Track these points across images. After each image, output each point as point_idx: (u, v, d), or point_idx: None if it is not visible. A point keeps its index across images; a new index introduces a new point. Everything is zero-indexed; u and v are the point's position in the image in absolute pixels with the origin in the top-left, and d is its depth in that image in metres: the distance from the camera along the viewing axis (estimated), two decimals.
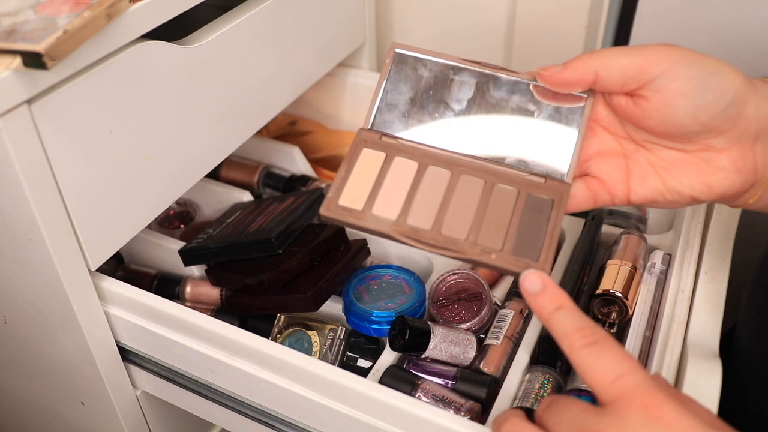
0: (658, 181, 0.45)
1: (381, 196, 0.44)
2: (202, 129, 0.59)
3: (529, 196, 0.45)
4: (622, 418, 0.34)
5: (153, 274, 0.67)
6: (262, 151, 0.82)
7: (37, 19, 0.43)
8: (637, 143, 0.46)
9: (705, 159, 0.44)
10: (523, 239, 0.43)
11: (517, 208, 0.44)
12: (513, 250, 0.42)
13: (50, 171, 0.46)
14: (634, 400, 0.34)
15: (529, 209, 0.44)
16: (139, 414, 0.63)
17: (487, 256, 0.42)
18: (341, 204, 0.44)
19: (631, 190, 0.45)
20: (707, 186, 0.44)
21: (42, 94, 0.44)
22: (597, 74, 0.44)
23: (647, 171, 0.45)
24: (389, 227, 0.43)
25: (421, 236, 0.43)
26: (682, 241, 0.57)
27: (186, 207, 0.78)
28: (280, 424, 0.53)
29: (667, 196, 0.45)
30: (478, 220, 0.44)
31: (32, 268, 0.50)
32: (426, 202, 0.44)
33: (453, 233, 0.43)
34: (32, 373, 0.64)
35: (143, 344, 0.57)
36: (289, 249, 0.62)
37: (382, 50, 0.94)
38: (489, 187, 0.45)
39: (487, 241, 0.43)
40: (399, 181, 0.45)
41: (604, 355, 0.36)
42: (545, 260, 0.42)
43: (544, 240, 0.43)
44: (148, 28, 0.50)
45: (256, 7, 0.62)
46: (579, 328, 0.37)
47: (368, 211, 0.44)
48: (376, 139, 0.47)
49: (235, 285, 0.63)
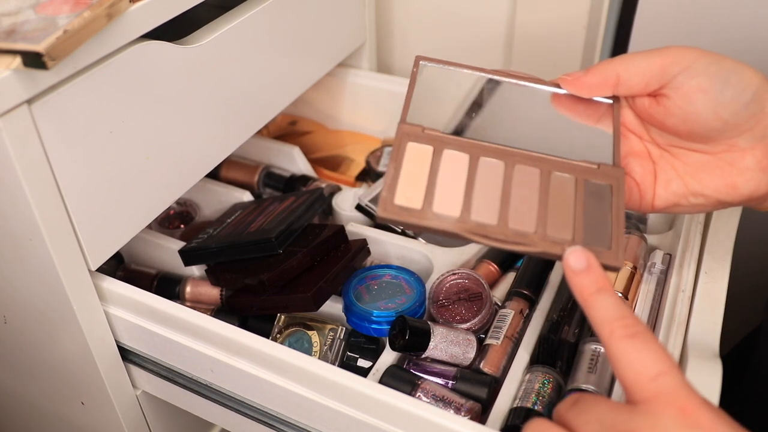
0: (681, 184, 0.45)
1: (438, 191, 0.43)
2: (202, 129, 0.59)
3: (587, 182, 0.44)
4: (659, 419, 0.33)
5: (153, 274, 0.67)
6: (262, 151, 0.82)
7: (37, 19, 0.43)
8: (661, 148, 0.46)
9: (729, 160, 0.44)
10: (591, 228, 0.42)
11: (578, 196, 0.43)
12: (584, 240, 0.41)
13: (50, 171, 0.46)
14: (672, 402, 0.33)
15: (590, 196, 0.43)
16: (139, 414, 0.63)
17: (560, 248, 0.41)
18: (398, 203, 0.42)
19: (656, 195, 0.45)
20: (732, 187, 0.44)
21: (42, 94, 0.44)
22: (619, 77, 0.44)
23: (671, 175, 0.45)
24: (455, 225, 0.42)
25: (489, 232, 0.42)
26: (682, 241, 0.57)
27: (186, 207, 0.78)
28: (280, 424, 0.53)
29: (691, 200, 0.45)
30: (542, 211, 0.43)
31: (32, 268, 0.50)
32: (486, 196, 0.43)
33: (521, 226, 0.42)
34: (32, 372, 0.64)
35: (143, 344, 0.57)
36: (289, 249, 0.62)
37: (382, 50, 0.94)
38: (546, 176, 0.44)
39: (557, 233, 0.42)
40: (453, 174, 0.44)
41: (644, 350, 0.34)
42: (617, 247, 0.41)
43: (612, 227, 0.42)
44: (148, 28, 0.50)
45: (256, 7, 0.61)
46: (621, 317, 0.35)
47: (428, 209, 0.42)
48: (419, 132, 0.45)
49: (235, 285, 0.63)
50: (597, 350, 0.51)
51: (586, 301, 0.36)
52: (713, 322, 0.49)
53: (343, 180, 0.81)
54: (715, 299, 0.51)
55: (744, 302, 0.85)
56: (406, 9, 0.90)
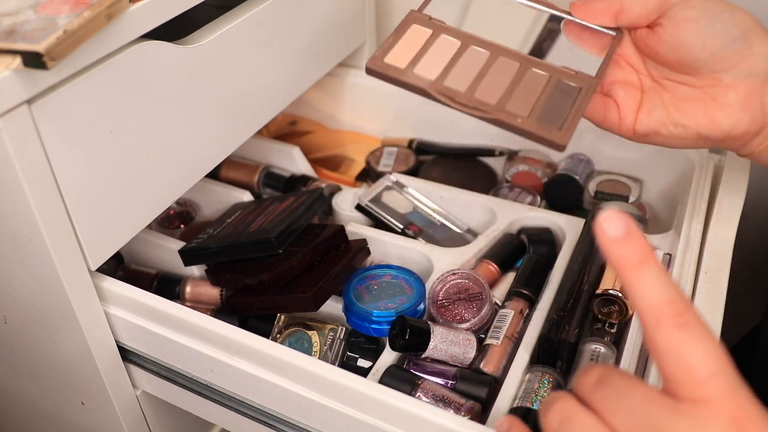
0: (664, 113, 0.48)
1: (423, 60, 0.49)
2: (202, 129, 0.59)
3: (559, 81, 0.49)
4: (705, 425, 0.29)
5: (153, 274, 0.67)
6: (262, 151, 0.82)
7: (37, 19, 0.43)
8: (654, 80, 0.49)
9: (713, 95, 0.46)
10: (548, 111, 0.47)
11: (546, 88, 0.48)
12: (538, 118, 0.46)
13: (50, 171, 0.46)
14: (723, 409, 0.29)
15: (558, 90, 0.48)
16: (139, 414, 0.63)
17: (514, 119, 0.46)
18: (386, 61, 0.48)
19: (637, 120, 0.48)
20: (712, 121, 0.46)
21: (42, 94, 0.44)
22: (623, 5, 0.47)
23: (656, 104, 0.48)
24: (427, 84, 0.47)
25: (455, 95, 0.47)
26: (682, 241, 0.57)
27: (186, 207, 0.78)
28: (280, 424, 0.53)
29: (671, 129, 0.47)
30: (509, 91, 0.48)
31: (32, 268, 0.50)
32: (463, 72, 0.49)
33: (485, 98, 0.47)
34: (32, 372, 0.64)
35: (143, 344, 0.57)
36: (289, 249, 0.62)
37: None
38: (523, 69, 0.50)
39: (515, 108, 0.47)
40: (441, 52, 0.50)
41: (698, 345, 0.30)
42: (567, 129, 0.45)
43: (568, 115, 0.46)
44: (148, 28, 0.50)
45: (256, 7, 0.61)
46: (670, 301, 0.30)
47: (410, 70, 0.48)
48: (425, 20, 0.52)
49: (235, 285, 0.63)
50: (597, 350, 0.51)
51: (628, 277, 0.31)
52: (713, 322, 0.49)
53: (343, 180, 0.81)
54: (715, 299, 0.51)
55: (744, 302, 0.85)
56: (406, 9, 0.90)
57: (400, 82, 0.48)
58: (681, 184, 0.70)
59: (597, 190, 0.73)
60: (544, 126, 0.46)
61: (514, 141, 0.79)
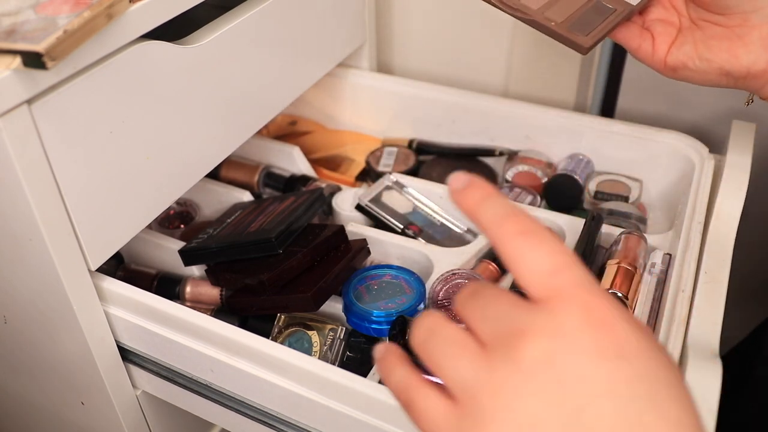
0: (693, 48, 0.53)
1: None
2: (202, 129, 0.59)
3: (598, 1, 0.55)
4: (557, 317, 0.29)
5: (153, 274, 0.67)
6: (262, 151, 0.82)
7: (37, 19, 0.43)
8: (692, 21, 0.54)
9: (739, 34, 0.51)
10: (580, 21, 0.54)
11: (586, 5, 0.55)
12: (570, 25, 0.53)
13: (50, 171, 0.46)
14: (572, 299, 0.29)
15: (594, 8, 0.55)
16: (139, 414, 0.63)
17: (548, 22, 0.53)
18: None
19: (669, 53, 0.54)
20: (735, 56, 0.51)
21: (42, 94, 0.44)
22: None
23: (687, 40, 0.54)
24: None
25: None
26: (682, 241, 0.57)
27: (186, 207, 0.78)
28: (280, 424, 0.53)
29: (697, 62, 0.53)
30: (551, 2, 0.55)
31: (32, 268, 0.50)
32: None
33: (529, 3, 0.54)
34: (32, 372, 0.64)
35: (143, 344, 0.57)
36: (289, 249, 0.62)
37: (382, 50, 0.94)
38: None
39: (553, 15, 0.54)
40: None
41: (539, 246, 0.31)
42: (592, 37, 0.53)
43: (597, 27, 0.53)
44: (148, 28, 0.50)
45: (256, 7, 0.61)
46: (512, 214, 0.31)
47: None
48: None
49: (235, 285, 0.63)
50: None
51: (473, 211, 0.32)
52: (713, 322, 0.49)
53: (343, 180, 0.81)
54: (715, 299, 0.51)
55: (744, 302, 0.85)
56: (406, 9, 0.90)
57: None
58: (681, 184, 0.70)
59: (597, 190, 0.73)
60: (572, 31, 0.53)
61: (514, 141, 0.79)
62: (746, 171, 0.61)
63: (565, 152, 0.77)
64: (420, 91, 0.82)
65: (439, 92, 0.81)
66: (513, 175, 0.77)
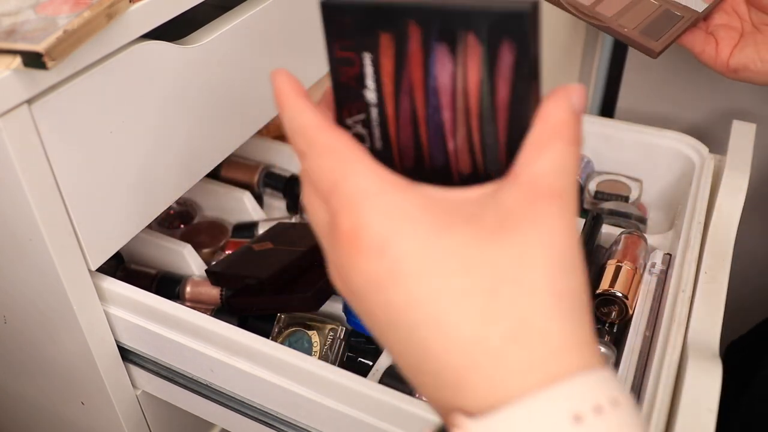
0: (754, 50, 0.57)
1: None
2: (202, 129, 0.59)
3: (667, 9, 0.60)
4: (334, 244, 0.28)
5: (153, 274, 0.67)
6: (262, 151, 0.82)
7: (37, 19, 0.43)
8: (754, 25, 0.58)
9: None
10: (651, 28, 0.58)
11: (655, 13, 0.59)
12: (641, 31, 0.58)
13: (50, 171, 0.46)
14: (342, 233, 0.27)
15: (664, 16, 0.59)
16: (139, 414, 0.63)
17: (621, 28, 0.58)
18: None
19: (731, 56, 0.58)
20: None
21: (42, 94, 0.44)
22: None
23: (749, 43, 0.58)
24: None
25: (579, 6, 0.58)
26: (682, 241, 0.57)
27: (186, 207, 0.78)
28: (280, 424, 0.53)
29: (759, 64, 0.57)
30: (623, 10, 0.59)
31: (32, 268, 0.50)
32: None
33: (604, 11, 0.59)
34: (32, 372, 0.64)
35: (143, 344, 0.57)
36: (290, 249, 0.62)
37: None
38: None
39: (626, 22, 0.58)
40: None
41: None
42: (662, 43, 0.57)
43: (666, 32, 0.58)
44: (148, 28, 0.50)
45: (255, 7, 0.61)
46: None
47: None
48: None
49: (236, 285, 0.63)
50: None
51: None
52: (713, 322, 0.49)
53: None
54: (715, 299, 0.51)
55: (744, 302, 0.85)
56: None
57: None
58: (681, 184, 0.70)
59: (597, 190, 0.73)
60: (643, 36, 0.57)
61: None
62: (746, 171, 0.61)
63: None
64: None
65: None
66: None
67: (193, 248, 0.68)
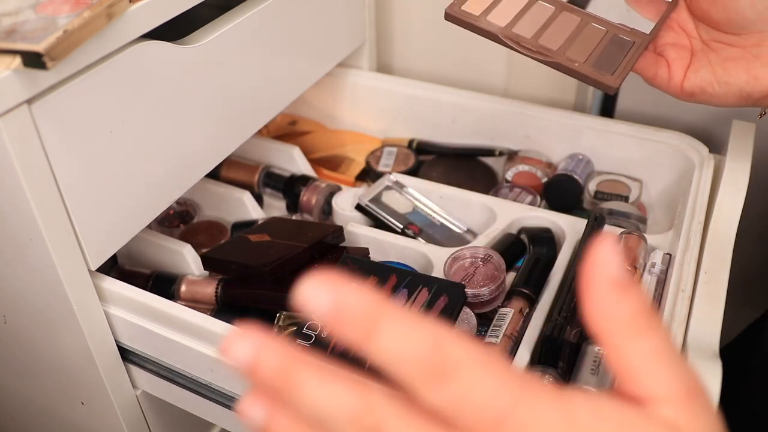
0: (710, 72, 0.52)
1: (496, 10, 0.55)
2: (202, 129, 0.59)
3: (615, 35, 0.55)
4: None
5: (148, 274, 0.67)
6: (262, 151, 0.82)
7: (37, 18, 0.43)
8: (704, 42, 0.53)
9: (756, 54, 0.50)
10: (603, 59, 0.53)
11: (603, 40, 0.54)
12: (593, 64, 0.52)
13: (50, 171, 0.46)
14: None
15: (613, 43, 0.54)
16: (139, 414, 0.63)
17: (572, 63, 0.52)
18: (463, 8, 0.54)
19: (686, 78, 0.53)
20: (754, 78, 0.50)
21: (42, 94, 0.44)
22: None
23: (703, 64, 0.53)
24: (498, 30, 0.54)
25: (521, 41, 0.53)
26: (682, 241, 0.57)
27: (186, 207, 0.78)
28: None
29: (716, 87, 0.51)
30: (569, 40, 0.54)
31: (32, 268, 0.50)
32: (530, 22, 0.55)
33: (548, 44, 0.53)
34: (32, 372, 0.64)
35: (143, 344, 0.57)
36: (290, 243, 0.62)
37: (382, 50, 0.94)
38: (584, 24, 0.56)
39: (574, 55, 0.53)
40: (512, 5, 0.56)
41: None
42: (618, 75, 0.52)
43: (620, 63, 0.53)
44: (148, 28, 0.50)
45: (256, 7, 0.61)
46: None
47: (483, 17, 0.54)
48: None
49: (233, 273, 0.63)
50: (600, 352, 0.51)
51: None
52: (713, 322, 0.49)
53: (343, 180, 0.81)
54: (715, 299, 0.51)
55: (744, 302, 0.85)
56: (406, 9, 0.90)
57: (475, 28, 0.54)
58: (681, 184, 0.70)
59: (597, 190, 0.73)
60: (598, 70, 0.52)
61: (514, 141, 0.79)
62: (746, 171, 0.61)
63: (565, 152, 0.77)
64: (420, 91, 0.82)
65: (439, 92, 0.81)
66: (513, 175, 0.77)
67: (192, 248, 0.68)
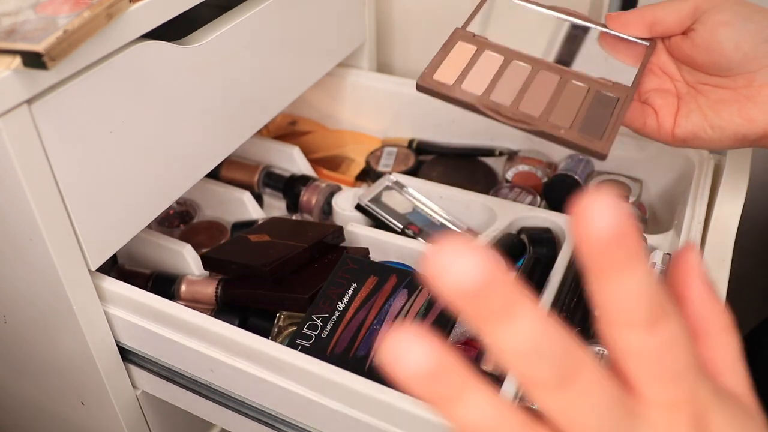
0: (701, 116, 0.49)
1: (470, 76, 0.51)
2: (203, 129, 0.59)
3: (598, 92, 0.51)
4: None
5: (147, 274, 0.67)
6: (262, 151, 0.82)
7: (37, 18, 0.43)
8: (689, 85, 0.51)
9: (747, 95, 0.48)
10: (589, 121, 0.49)
11: (586, 99, 0.51)
12: (580, 128, 0.49)
13: (50, 171, 0.46)
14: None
15: (597, 102, 0.50)
16: (139, 414, 0.63)
17: (557, 130, 0.48)
18: (435, 78, 0.51)
19: (676, 125, 0.50)
20: (749, 120, 0.47)
21: (42, 94, 0.44)
22: (655, 15, 0.50)
23: (693, 108, 0.50)
24: (475, 99, 0.50)
25: (501, 109, 0.49)
26: (682, 241, 0.57)
27: (186, 207, 0.78)
28: (280, 424, 0.53)
29: (709, 132, 0.49)
30: (552, 104, 0.50)
31: (32, 268, 0.50)
32: (507, 86, 0.51)
33: (529, 110, 0.49)
34: (32, 372, 0.64)
35: (143, 344, 0.57)
36: (289, 243, 0.62)
37: (382, 50, 0.94)
38: (563, 82, 0.52)
39: (558, 120, 0.49)
40: (486, 68, 0.52)
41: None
42: (607, 139, 0.48)
43: (608, 125, 0.49)
44: (148, 28, 0.50)
45: (256, 6, 0.61)
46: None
47: (458, 86, 0.50)
48: (470, 36, 0.54)
49: (234, 273, 0.63)
50: (600, 352, 0.51)
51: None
52: None
53: (343, 180, 0.81)
54: None
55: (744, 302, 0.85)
56: (406, 9, 0.90)
57: (450, 98, 0.50)
58: (681, 184, 0.70)
59: None
60: (585, 136, 0.48)
61: (514, 141, 0.79)
62: (746, 171, 0.61)
63: (565, 152, 0.77)
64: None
65: None
66: (513, 175, 0.77)
67: (192, 248, 0.68)
